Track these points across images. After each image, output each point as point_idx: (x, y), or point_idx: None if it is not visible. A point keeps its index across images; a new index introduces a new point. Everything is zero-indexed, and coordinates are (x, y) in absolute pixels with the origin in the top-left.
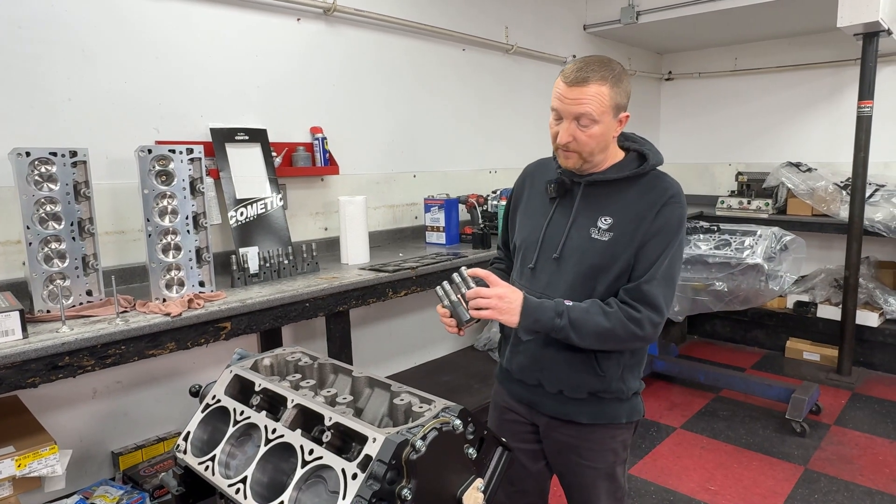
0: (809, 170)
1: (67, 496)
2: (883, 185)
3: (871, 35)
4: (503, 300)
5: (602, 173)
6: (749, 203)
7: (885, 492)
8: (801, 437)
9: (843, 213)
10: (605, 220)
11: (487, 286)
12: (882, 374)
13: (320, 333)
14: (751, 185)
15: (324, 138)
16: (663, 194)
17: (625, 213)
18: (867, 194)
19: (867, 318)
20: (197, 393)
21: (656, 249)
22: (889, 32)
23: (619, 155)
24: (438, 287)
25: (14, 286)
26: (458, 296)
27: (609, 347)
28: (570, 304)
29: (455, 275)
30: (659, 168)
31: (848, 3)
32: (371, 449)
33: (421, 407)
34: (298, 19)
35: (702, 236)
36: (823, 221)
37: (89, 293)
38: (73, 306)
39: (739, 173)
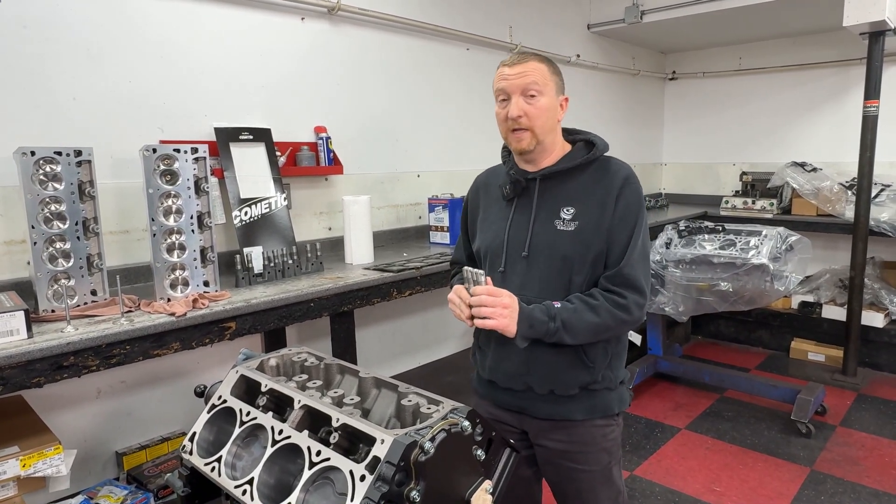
0: (814, 170)
1: (72, 496)
2: (889, 185)
3: (877, 34)
4: (507, 309)
5: (555, 165)
6: (754, 203)
7: (891, 493)
8: (807, 438)
9: (849, 213)
10: (568, 210)
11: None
12: (887, 374)
13: (324, 333)
14: (755, 185)
15: (328, 138)
16: (617, 177)
17: (585, 200)
18: (873, 194)
19: (872, 319)
20: (202, 393)
21: (626, 232)
22: (895, 31)
23: (567, 147)
24: (465, 269)
25: (19, 286)
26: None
27: (601, 338)
28: (559, 305)
29: (467, 270)
30: (606, 154)
31: (854, 2)
32: (379, 450)
33: (429, 408)
34: (303, 18)
35: (706, 236)
36: (828, 221)
37: (94, 293)
38: (78, 306)
39: (744, 173)
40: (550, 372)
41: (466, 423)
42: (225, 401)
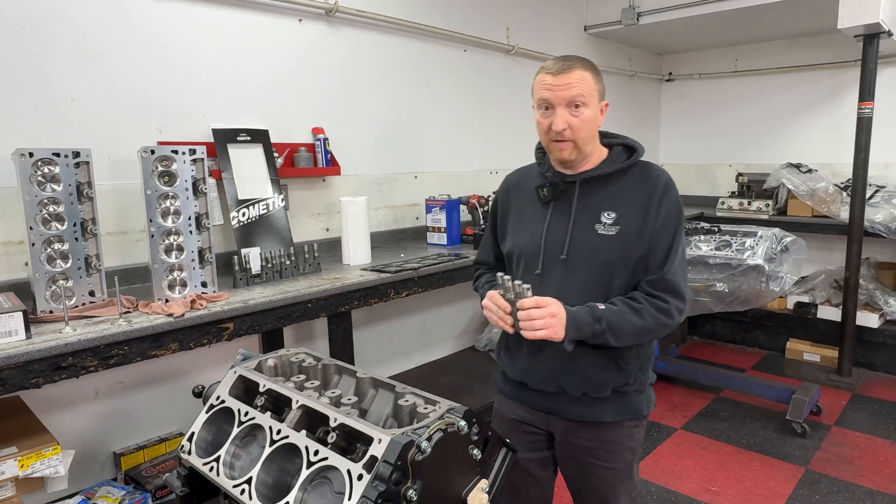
0: (810, 171)
1: (70, 496)
2: (883, 187)
3: (871, 36)
4: (555, 318)
5: (595, 169)
6: (749, 204)
7: (885, 492)
8: (802, 437)
9: (844, 214)
10: (609, 214)
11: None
12: (882, 374)
13: (321, 334)
14: (751, 186)
15: (325, 139)
16: (658, 182)
17: (626, 205)
18: (867, 195)
19: (867, 319)
20: (200, 394)
21: (668, 238)
22: (889, 34)
23: (604, 151)
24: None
25: (17, 287)
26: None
27: (643, 341)
28: (603, 307)
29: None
30: (643, 160)
31: (848, 5)
32: (377, 450)
33: (426, 408)
34: (300, 20)
35: (703, 237)
36: (824, 222)
37: (92, 294)
38: (76, 307)
39: (740, 174)
40: (585, 374)
41: (463, 422)
42: (223, 401)
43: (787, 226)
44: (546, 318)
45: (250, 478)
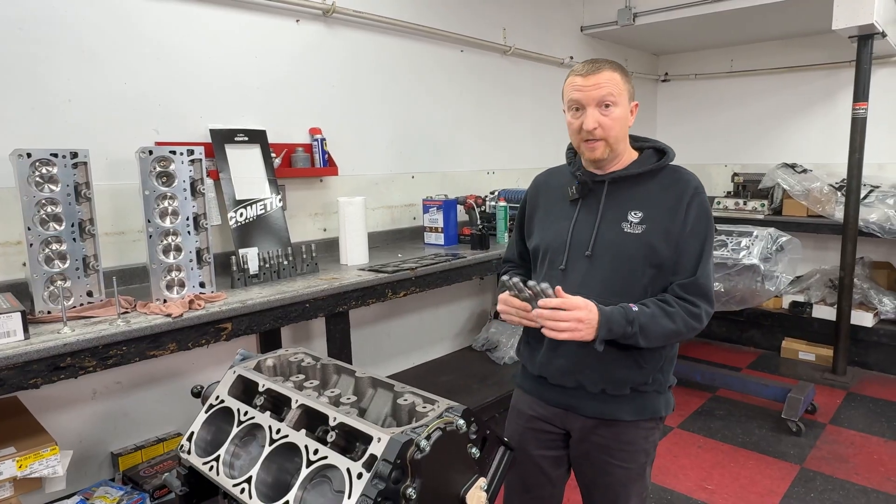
0: (805, 171)
1: (68, 497)
2: (878, 187)
3: (865, 37)
4: (582, 322)
5: (625, 169)
6: (745, 204)
7: (879, 490)
8: (797, 436)
9: (839, 213)
10: (636, 213)
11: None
12: (876, 373)
13: (319, 334)
14: (747, 186)
15: (323, 139)
16: (688, 187)
17: (654, 206)
18: (862, 195)
19: (862, 318)
20: (199, 394)
21: (699, 243)
22: (883, 35)
23: (634, 153)
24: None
25: (14, 287)
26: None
27: (670, 343)
28: (636, 308)
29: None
30: (672, 163)
31: (843, 6)
32: (376, 449)
33: (424, 407)
34: (297, 20)
35: None
36: (819, 222)
37: (90, 294)
38: (74, 307)
39: (735, 174)
40: (605, 370)
41: (461, 421)
42: (223, 401)
43: (783, 225)
44: (572, 321)
45: (250, 477)
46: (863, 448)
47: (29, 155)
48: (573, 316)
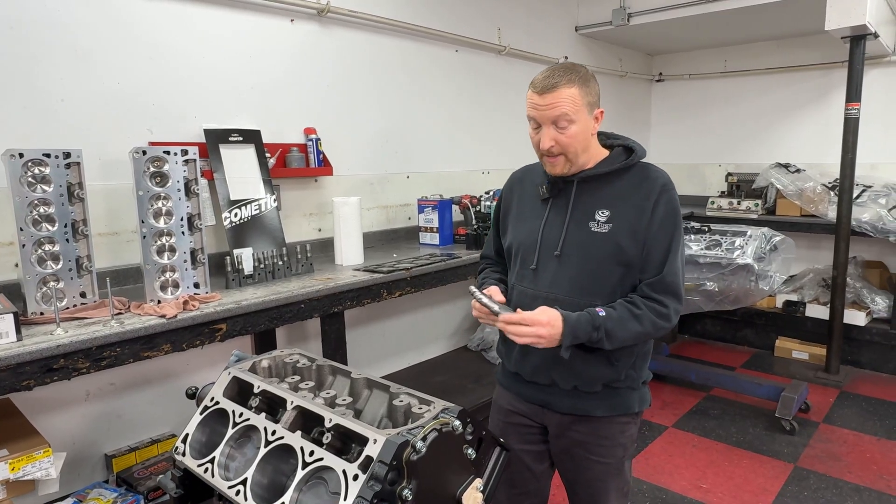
0: (798, 171)
1: (61, 499)
2: (870, 186)
3: (858, 38)
4: (542, 338)
5: (593, 169)
6: (739, 203)
7: (872, 488)
8: (791, 434)
9: (832, 213)
10: (603, 212)
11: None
12: (869, 372)
13: (314, 334)
14: (740, 186)
15: (318, 139)
16: (655, 185)
17: (621, 204)
18: (854, 195)
19: (854, 318)
20: (194, 395)
21: (666, 240)
22: (876, 35)
23: (604, 152)
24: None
25: (7, 288)
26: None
27: (638, 343)
28: (604, 313)
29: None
30: (643, 161)
31: (836, 7)
32: (372, 450)
33: (420, 408)
34: (292, 20)
35: (693, 237)
36: (812, 222)
37: (83, 295)
38: (67, 308)
39: (729, 174)
40: (575, 368)
41: (457, 422)
42: (217, 402)
43: (776, 225)
44: (532, 338)
45: (245, 479)
46: (856, 446)
47: (21, 155)
48: (533, 332)
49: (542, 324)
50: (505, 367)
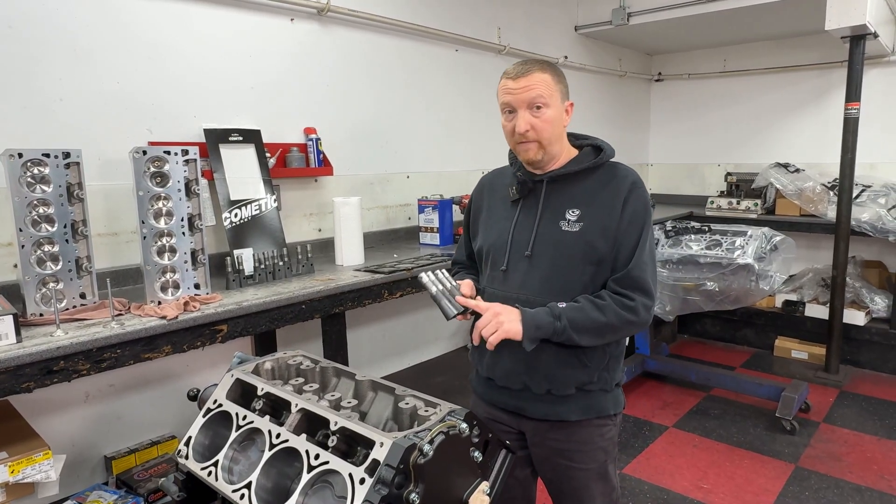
0: (797, 170)
1: (61, 501)
2: (869, 186)
3: (858, 38)
4: (500, 315)
5: (562, 168)
6: (738, 203)
7: (873, 488)
8: (791, 434)
9: (831, 213)
10: (573, 211)
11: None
12: (869, 371)
13: (314, 335)
14: (740, 186)
15: (318, 139)
16: (624, 182)
17: (591, 203)
18: (854, 195)
19: (854, 317)
20: (195, 397)
21: (634, 236)
22: (875, 35)
23: (574, 151)
24: (424, 275)
25: (6, 289)
26: (442, 287)
27: (608, 340)
28: (563, 305)
29: (438, 272)
30: (612, 160)
31: (835, 7)
32: (378, 453)
33: (426, 410)
34: (292, 20)
35: (693, 236)
36: (811, 221)
37: (83, 296)
38: (67, 309)
39: (729, 174)
40: (547, 371)
41: (464, 425)
42: (220, 405)
43: (776, 225)
44: (492, 322)
45: (249, 482)
46: (856, 446)
47: (20, 155)
48: (490, 314)
49: (493, 305)
50: (478, 372)
